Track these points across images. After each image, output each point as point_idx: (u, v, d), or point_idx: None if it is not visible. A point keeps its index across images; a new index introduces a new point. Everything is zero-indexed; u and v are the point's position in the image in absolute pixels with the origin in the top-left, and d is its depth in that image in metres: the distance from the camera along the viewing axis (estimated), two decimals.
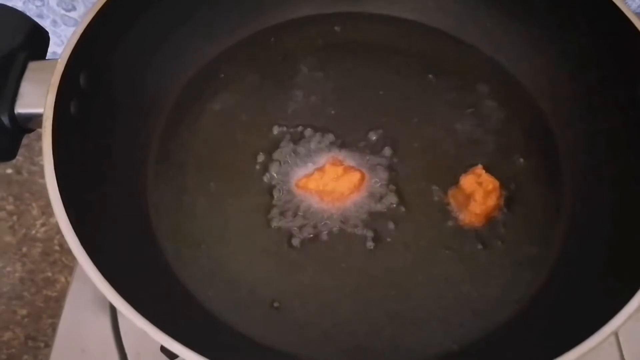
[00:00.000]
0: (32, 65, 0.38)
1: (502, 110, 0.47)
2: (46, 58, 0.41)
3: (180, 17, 0.47)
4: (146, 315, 0.30)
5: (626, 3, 0.39)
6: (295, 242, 0.42)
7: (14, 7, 0.41)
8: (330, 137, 0.45)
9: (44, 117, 0.35)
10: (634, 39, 0.39)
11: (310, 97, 0.48)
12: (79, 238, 0.32)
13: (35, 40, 0.40)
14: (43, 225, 0.66)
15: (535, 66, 0.48)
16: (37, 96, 0.36)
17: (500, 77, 0.49)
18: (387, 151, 0.45)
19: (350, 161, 0.44)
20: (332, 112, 0.47)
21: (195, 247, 0.42)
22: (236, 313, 0.40)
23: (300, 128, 0.46)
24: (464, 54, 0.50)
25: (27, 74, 0.38)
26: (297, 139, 0.45)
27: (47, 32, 0.41)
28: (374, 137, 0.45)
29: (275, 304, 0.40)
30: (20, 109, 0.37)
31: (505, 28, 0.49)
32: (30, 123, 0.38)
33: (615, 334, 0.40)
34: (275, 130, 0.46)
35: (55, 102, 0.35)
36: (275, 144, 0.45)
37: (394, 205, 0.43)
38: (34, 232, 0.66)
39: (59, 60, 0.36)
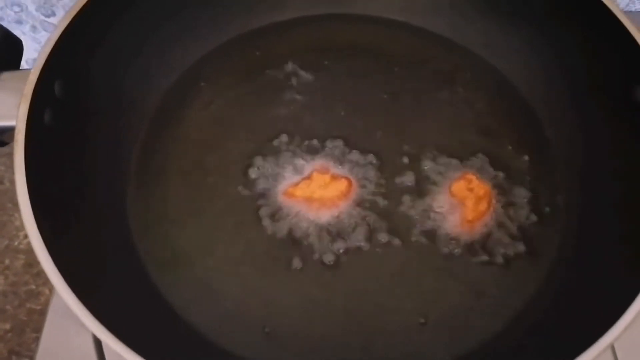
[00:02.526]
0: (5, 76, 0.37)
1: (496, 112, 0.46)
2: (26, 65, 0.40)
3: (160, 20, 0.45)
4: (125, 340, 0.29)
5: (615, 2, 0.39)
6: (282, 253, 0.41)
7: None
8: (316, 143, 0.44)
9: (17, 130, 0.34)
10: (624, 40, 0.38)
11: (296, 101, 0.47)
12: (52, 257, 0.30)
13: (7, 49, 0.39)
14: (26, 236, 0.65)
15: (529, 67, 0.47)
16: (9, 108, 0.35)
17: (492, 79, 0.48)
18: (375, 156, 0.44)
19: (336, 167, 0.43)
20: (318, 117, 0.46)
21: (179, 262, 0.40)
22: (221, 330, 0.38)
23: (286, 134, 0.45)
24: (455, 56, 0.49)
25: None
26: (283, 146, 0.44)
27: (21, 42, 0.40)
28: (362, 142, 0.44)
29: (263, 319, 0.39)
30: None
31: (497, 29, 0.48)
32: (4, 136, 0.37)
33: (612, 346, 0.39)
34: (261, 136, 0.45)
35: (29, 114, 0.34)
36: (261, 151, 0.44)
37: (384, 213, 0.42)
38: (16, 243, 0.64)
39: (32, 70, 0.35)
